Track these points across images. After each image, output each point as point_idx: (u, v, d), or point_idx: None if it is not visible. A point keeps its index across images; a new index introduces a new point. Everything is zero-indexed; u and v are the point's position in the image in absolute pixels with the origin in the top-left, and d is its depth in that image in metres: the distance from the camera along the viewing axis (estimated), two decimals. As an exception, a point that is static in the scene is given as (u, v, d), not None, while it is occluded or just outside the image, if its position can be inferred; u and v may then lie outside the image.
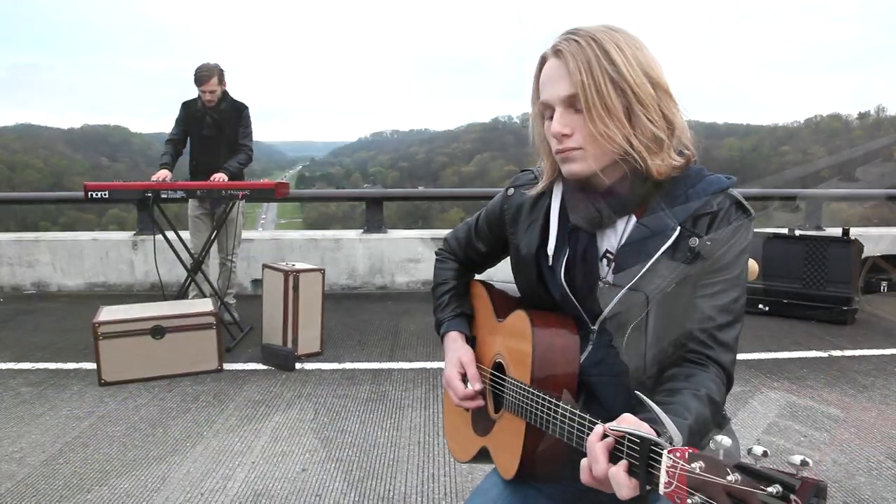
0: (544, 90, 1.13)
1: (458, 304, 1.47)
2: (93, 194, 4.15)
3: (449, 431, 1.56)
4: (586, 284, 1.18)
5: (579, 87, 1.07)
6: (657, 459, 0.81)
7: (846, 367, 3.95)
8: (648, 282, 1.11)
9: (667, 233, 1.10)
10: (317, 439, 2.98)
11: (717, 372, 1.10)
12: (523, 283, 1.30)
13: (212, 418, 3.20)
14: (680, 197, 1.12)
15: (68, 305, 5.52)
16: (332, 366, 3.99)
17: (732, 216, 1.12)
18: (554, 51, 1.12)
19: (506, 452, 1.24)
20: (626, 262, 1.13)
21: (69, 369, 3.92)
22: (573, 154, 1.12)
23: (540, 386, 1.15)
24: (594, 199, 1.15)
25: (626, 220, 1.16)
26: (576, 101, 1.09)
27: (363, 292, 6.05)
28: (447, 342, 1.43)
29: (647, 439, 0.83)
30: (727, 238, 1.11)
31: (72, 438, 2.99)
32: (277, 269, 4.07)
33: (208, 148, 4.59)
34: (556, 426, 1.06)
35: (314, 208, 69.10)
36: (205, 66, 4.45)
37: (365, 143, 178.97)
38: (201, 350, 3.81)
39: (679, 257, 1.10)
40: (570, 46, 1.09)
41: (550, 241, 1.23)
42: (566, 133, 1.11)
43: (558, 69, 1.10)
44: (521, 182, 1.33)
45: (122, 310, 3.85)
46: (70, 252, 5.96)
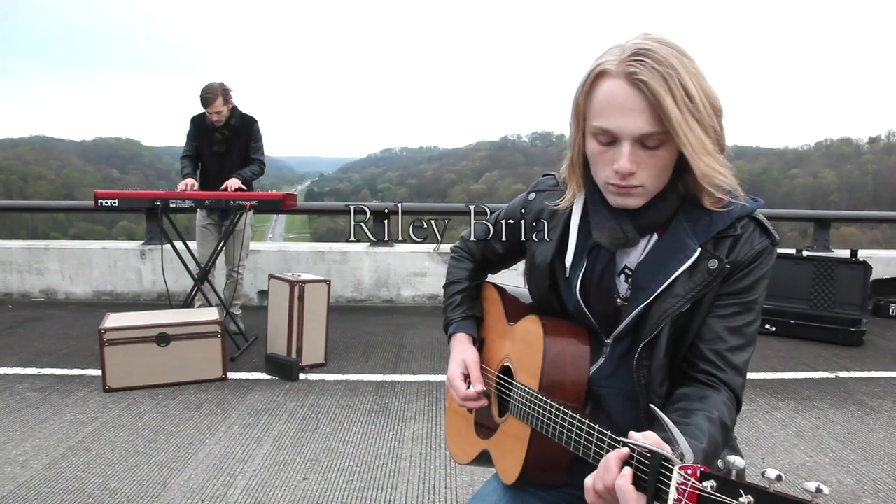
0: (610, 116, 1.03)
1: (469, 306, 1.46)
2: (102, 202, 4.19)
3: (450, 433, 1.55)
4: (601, 301, 1.18)
5: (680, 128, 1.00)
6: (667, 475, 0.80)
7: (853, 389, 3.92)
8: (663, 300, 1.10)
9: (687, 253, 1.09)
10: (319, 449, 2.97)
11: (727, 395, 1.10)
12: (536, 290, 1.29)
13: (214, 426, 3.20)
14: (704, 218, 1.11)
15: (75, 313, 5.54)
16: (335, 377, 3.99)
17: (756, 241, 1.10)
18: (628, 76, 1.01)
19: (508, 457, 1.24)
20: (644, 279, 1.13)
21: (74, 375, 3.93)
22: (634, 191, 1.07)
23: (547, 393, 1.14)
24: (621, 220, 1.13)
25: (647, 239, 1.15)
26: (649, 139, 1.02)
27: (369, 305, 6.06)
28: (454, 342, 1.42)
29: (658, 453, 0.82)
30: (748, 262, 1.10)
31: (75, 443, 2.99)
32: (283, 279, 4.09)
33: (219, 164, 4.61)
34: (565, 436, 1.05)
35: (322, 223, 69.33)
36: (208, 88, 4.40)
37: (374, 159, 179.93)
38: (206, 358, 3.81)
39: (697, 278, 1.09)
40: (651, 77, 0.99)
41: (569, 254, 1.21)
42: (632, 172, 1.04)
43: (633, 100, 1.01)
44: (543, 188, 1.31)
45: (128, 317, 3.86)
46: (79, 260, 6.01)
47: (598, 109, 1.04)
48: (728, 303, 1.11)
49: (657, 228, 1.14)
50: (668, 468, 0.80)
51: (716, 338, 1.11)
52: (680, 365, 1.15)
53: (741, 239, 1.10)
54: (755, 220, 1.12)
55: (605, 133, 1.04)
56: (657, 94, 0.98)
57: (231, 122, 4.54)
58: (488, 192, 76.32)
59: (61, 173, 70.06)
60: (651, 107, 1.00)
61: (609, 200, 1.11)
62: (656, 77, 0.98)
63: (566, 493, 1.25)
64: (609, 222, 1.14)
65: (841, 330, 4.85)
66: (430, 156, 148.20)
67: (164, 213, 4.26)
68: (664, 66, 0.99)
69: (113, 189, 4.38)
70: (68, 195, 56.38)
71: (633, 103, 1.00)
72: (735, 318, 1.11)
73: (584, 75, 1.06)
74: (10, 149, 79.42)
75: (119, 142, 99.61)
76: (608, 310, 1.18)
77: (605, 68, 1.03)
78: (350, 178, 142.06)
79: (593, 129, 1.06)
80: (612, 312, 1.17)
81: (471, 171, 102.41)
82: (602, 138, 1.05)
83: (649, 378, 1.14)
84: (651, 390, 1.14)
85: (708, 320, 1.11)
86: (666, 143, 1.03)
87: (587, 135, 1.08)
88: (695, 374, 1.12)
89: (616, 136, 1.03)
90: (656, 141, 1.02)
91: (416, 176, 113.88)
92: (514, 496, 1.25)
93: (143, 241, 6.18)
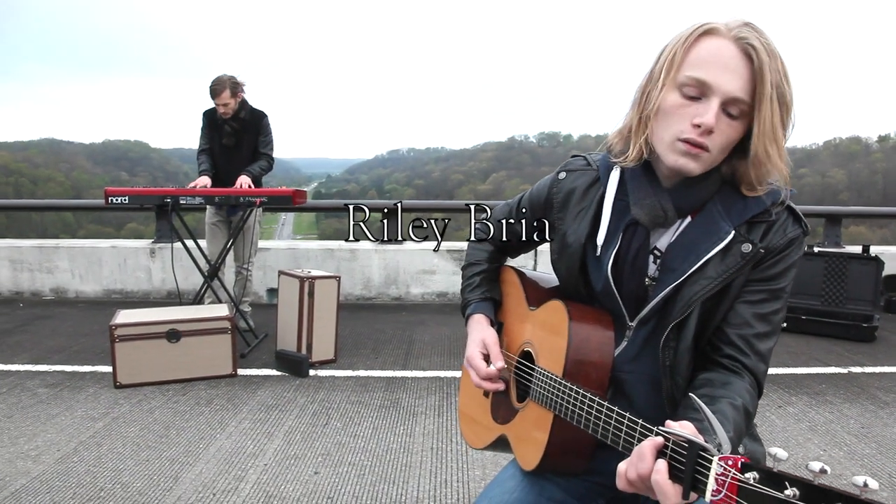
0: (710, 69, 1.02)
1: (487, 288, 1.44)
2: (113, 200, 4.20)
3: (464, 417, 1.53)
4: (632, 280, 1.17)
5: (767, 102, 1.01)
6: (705, 466, 0.78)
7: (866, 384, 3.88)
8: (694, 282, 1.09)
9: (720, 235, 1.08)
10: (330, 443, 2.97)
11: (750, 381, 1.09)
12: (564, 270, 1.28)
13: (225, 421, 3.20)
14: (738, 202, 1.10)
15: (85, 311, 5.56)
16: (345, 373, 3.98)
17: (789, 228, 1.10)
18: (738, 40, 1.02)
19: (528, 443, 1.23)
20: (674, 261, 1.12)
21: (85, 372, 3.94)
22: (701, 154, 1.05)
23: (571, 379, 1.13)
24: (661, 197, 1.12)
25: (679, 221, 1.14)
26: (734, 106, 1.03)
27: (378, 303, 6.05)
28: (472, 323, 1.40)
29: (695, 443, 0.81)
30: (780, 249, 1.10)
31: (86, 438, 3.00)
32: (293, 275, 4.08)
33: (228, 157, 4.63)
34: (592, 423, 1.04)
35: (329, 224, 69.42)
36: (217, 80, 4.43)
37: (381, 160, 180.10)
38: (216, 354, 3.82)
39: (729, 261, 1.08)
40: (760, 48, 1.00)
41: (601, 232, 1.20)
42: (712, 130, 1.03)
43: (738, 62, 1.01)
44: (574, 167, 1.29)
45: (138, 313, 3.87)
46: (89, 259, 6.03)
47: (696, 61, 1.04)
48: (757, 289, 1.10)
49: (692, 211, 1.13)
50: (705, 458, 0.79)
51: (743, 323, 1.10)
52: (704, 348, 1.14)
53: (774, 225, 1.09)
54: (788, 207, 1.11)
55: (697, 85, 1.03)
56: (763, 64, 1.00)
57: (241, 116, 4.55)
58: (495, 193, 76.23)
59: (70, 176, 70.45)
60: (751, 75, 1.01)
61: (668, 161, 1.08)
62: (763, 50, 1.00)
63: (586, 480, 1.24)
64: (650, 199, 1.13)
65: (853, 325, 4.81)
66: (437, 156, 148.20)
67: (175, 211, 4.26)
68: (771, 44, 1.01)
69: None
70: (77, 197, 56.71)
71: (736, 64, 1.01)
72: (763, 304, 1.11)
73: (687, 30, 1.06)
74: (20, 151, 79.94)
75: (128, 144, 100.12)
76: (638, 290, 1.16)
77: (714, 27, 1.04)
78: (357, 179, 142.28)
79: (684, 79, 1.04)
80: (640, 293, 1.16)
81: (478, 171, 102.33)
82: (690, 90, 1.04)
83: (675, 360, 1.12)
84: (676, 372, 1.13)
85: (736, 305, 1.11)
86: (744, 117, 1.04)
87: (669, 87, 1.06)
88: (719, 357, 1.11)
89: (708, 91, 1.02)
90: (739, 110, 1.03)
91: (423, 177, 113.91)
92: (533, 483, 1.24)
93: (153, 239, 6.20)
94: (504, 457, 2.70)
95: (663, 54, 1.07)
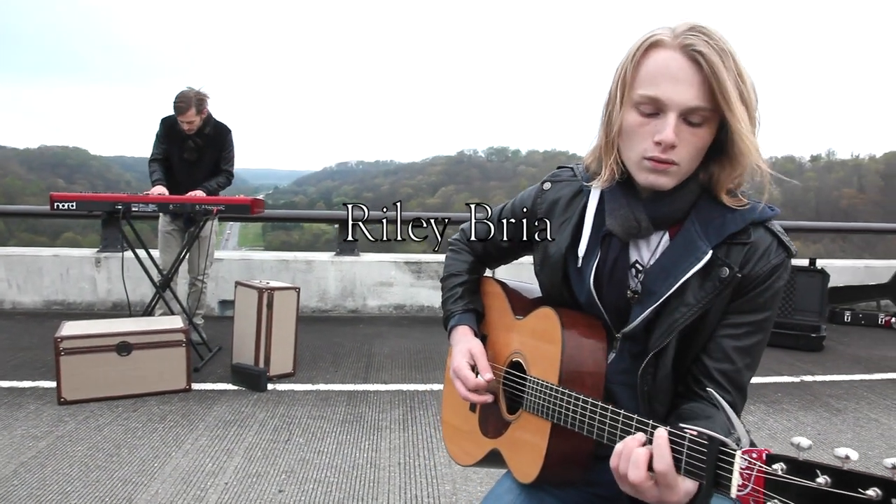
0: (660, 85, 0.99)
1: (470, 300, 1.41)
2: (59, 205, 4.00)
3: (449, 433, 1.48)
4: (613, 293, 1.15)
5: (734, 103, 0.97)
6: (727, 461, 0.76)
7: (819, 392, 4.00)
8: (674, 309, 1.07)
9: (698, 255, 1.05)
10: (293, 460, 2.86)
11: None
12: (547, 282, 1.25)
13: (181, 438, 3.05)
14: (716, 219, 1.07)
15: (23, 324, 5.26)
16: (305, 387, 3.87)
17: (772, 254, 1.06)
18: (684, 48, 0.98)
19: (524, 455, 1.19)
20: (654, 283, 1.09)
21: (25, 388, 3.71)
22: (669, 168, 1.02)
23: (567, 386, 1.10)
24: (635, 208, 1.10)
25: (660, 235, 1.11)
26: (694, 115, 0.99)
27: (334, 315, 5.93)
28: (456, 335, 1.36)
29: (716, 438, 0.79)
30: (764, 278, 1.06)
31: (28, 459, 2.81)
32: (251, 286, 3.96)
33: (188, 171, 4.45)
34: (597, 428, 1.01)
35: (276, 236, 68.28)
36: (182, 96, 4.21)
37: (330, 172, 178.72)
38: (169, 368, 3.65)
39: (707, 286, 1.05)
40: (708, 52, 0.97)
41: (582, 243, 1.18)
42: (675, 145, 1.00)
43: (688, 72, 0.98)
44: (560, 178, 1.27)
45: (86, 325, 3.68)
46: (28, 268, 5.72)
47: (647, 78, 1.01)
48: (740, 321, 1.07)
49: (670, 225, 1.10)
50: (727, 453, 0.77)
51: (724, 357, 1.08)
52: (685, 377, 1.12)
53: (756, 250, 1.05)
54: (770, 230, 1.07)
55: (651, 102, 1.00)
56: (715, 67, 0.96)
57: (205, 131, 4.38)
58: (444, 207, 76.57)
59: (2, 182, 67.33)
60: (704, 81, 0.97)
61: (639, 179, 1.06)
62: (713, 52, 0.96)
63: (584, 491, 1.21)
64: (623, 210, 1.11)
65: (802, 336, 4.96)
66: (386, 170, 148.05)
67: (126, 218, 4.07)
68: (720, 43, 0.97)
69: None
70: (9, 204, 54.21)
71: (686, 74, 0.98)
72: (746, 337, 1.08)
73: (634, 46, 1.03)
74: (-54, 156, 76.01)
75: (65, 150, 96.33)
76: (620, 303, 1.14)
77: (659, 39, 1.01)
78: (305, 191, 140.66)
79: (638, 98, 1.02)
80: (623, 306, 1.14)
81: (427, 185, 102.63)
82: (646, 108, 1.01)
83: (653, 387, 1.11)
84: (654, 399, 1.11)
85: (718, 338, 1.08)
86: (708, 123, 1.00)
87: (626, 107, 1.04)
88: (700, 390, 1.09)
89: (663, 107, 1.00)
90: (700, 118, 1.00)
91: (372, 189, 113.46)
92: (532, 495, 1.20)
93: (99, 248, 5.93)
94: (487, 472, 2.65)
95: (617, 73, 1.06)
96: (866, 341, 5.36)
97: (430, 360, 4.52)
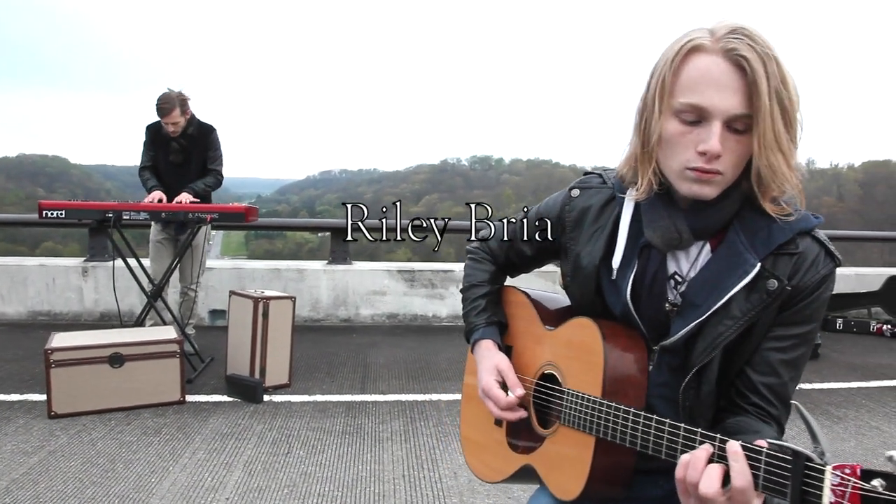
0: (703, 92, 0.95)
1: (493, 312, 1.36)
2: (48, 213, 3.91)
3: (471, 449, 1.43)
4: (651, 306, 1.11)
5: (764, 116, 0.93)
6: (816, 477, 0.73)
7: (818, 400, 4.00)
8: (718, 322, 1.03)
9: (745, 268, 1.01)
10: (294, 474, 2.79)
11: (776, 431, 1.05)
12: (578, 293, 1.21)
13: (177, 452, 2.97)
14: (762, 230, 1.03)
15: (7, 335, 5.13)
16: (302, 398, 3.80)
17: (821, 265, 1.02)
18: (726, 52, 0.94)
19: (565, 471, 1.14)
20: (697, 295, 1.05)
21: (13, 401, 3.60)
22: (714, 178, 0.98)
23: (611, 399, 1.06)
24: (676, 219, 1.05)
25: (700, 246, 1.07)
26: (738, 122, 0.95)
27: (326, 324, 5.86)
28: (480, 350, 1.32)
29: (801, 453, 0.75)
30: (812, 289, 1.02)
31: (19, 475, 2.71)
32: (246, 295, 3.88)
33: (175, 174, 4.37)
34: (652, 442, 0.97)
35: (259, 245, 67.77)
36: (165, 98, 4.16)
37: (313, 181, 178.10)
38: (163, 380, 3.56)
39: (754, 299, 1.02)
40: (753, 58, 0.92)
41: (616, 255, 1.13)
42: (720, 154, 0.96)
43: (731, 77, 0.94)
44: (589, 185, 1.22)
45: (77, 336, 3.58)
46: (13, 278, 5.58)
47: (688, 85, 0.96)
48: (787, 334, 1.04)
49: (712, 235, 1.07)
50: (815, 468, 0.73)
51: (771, 371, 1.04)
52: (728, 391, 1.09)
53: (804, 261, 1.02)
54: (817, 240, 1.04)
55: (693, 110, 0.96)
56: (757, 73, 0.92)
57: (188, 132, 4.32)
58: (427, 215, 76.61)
59: (-21, 192, 66.27)
60: (747, 86, 0.93)
61: (681, 189, 1.01)
62: (755, 56, 0.92)
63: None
64: (663, 221, 1.06)
65: (797, 344, 4.97)
66: (369, 178, 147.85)
67: (116, 227, 3.99)
68: (763, 46, 0.93)
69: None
70: (-14, 214, 53.29)
71: (729, 80, 0.93)
72: (792, 350, 1.05)
73: (671, 51, 0.98)
74: (-78, 165, 74.73)
75: (45, 159, 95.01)
76: (658, 316, 1.10)
77: (699, 43, 0.96)
78: (288, 199, 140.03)
79: (679, 106, 0.97)
80: (662, 319, 1.10)
81: (411, 193, 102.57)
82: (687, 116, 0.97)
83: (696, 403, 1.08)
84: (697, 414, 1.08)
85: (764, 351, 1.04)
86: (751, 130, 0.96)
87: (666, 115, 0.99)
88: (745, 404, 1.06)
89: (706, 115, 0.95)
90: (744, 125, 0.95)
91: (355, 198, 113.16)
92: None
93: (86, 257, 5.81)
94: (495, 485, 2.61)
95: (653, 79, 1.01)
96: (859, 349, 5.39)
97: (426, 369, 4.46)
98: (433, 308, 6.03)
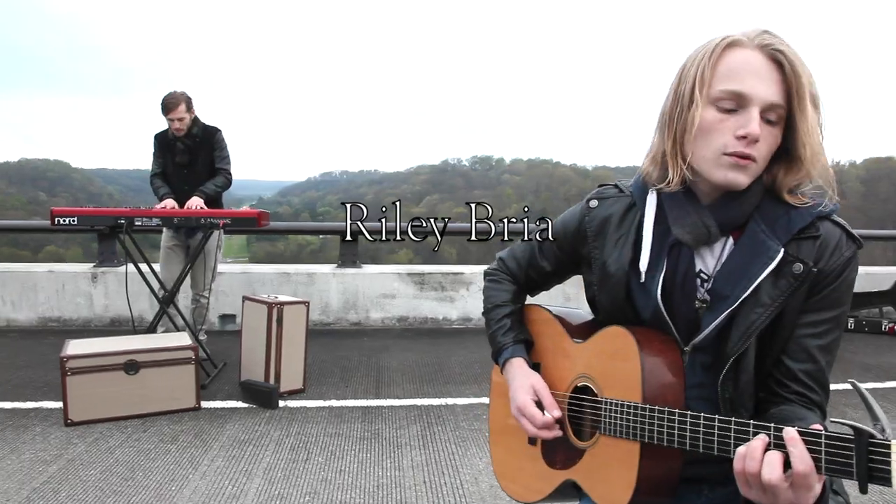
0: (745, 79, 1.00)
1: (519, 331, 1.36)
2: (60, 220, 3.90)
3: (504, 472, 1.42)
4: (683, 305, 1.12)
5: (805, 103, 0.99)
6: (882, 452, 0.75)
7: (835, 402, 3.96)
8: (749, 311, 1.04)
9: (770, 255, 1.04)
10: (315, 481, 2.78)
11: (819, 416, 1.06)
12: (608, 302, 1.21)
13: (196, 459, 2.96)
14: (781, 217, 1.06)
15: (19, 341, 5.13)
16: (317, 403, 3.79)
17: (844, 247, 1.05)
18: (763, 47, 1.01)
19: (611, 481, 1.13)
20: (725, 287, 1.07)
21: (28, 408, 3.60)
22: (750, 165, 1.02)
23: (653, 403, 1.06)
24: (702, 214, 1.08)
25: (722, 241, 1.10)
26: (772, 112, 1.01)
27: (336, 328, 5.85)
28: (511, 369, 1.31)
29: (864, 430, 0.77)
30: (839, 271, 1.05)
31: (40, 484, 2.71)
32: (260, 301, 3.88)
33: (183, 177, 4.39)
34: (703, 439, 0.98)
35: (261, 247, 67.77)
36: (171, 94, 4.26)
37: (314, 182, 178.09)
38: (178, 387, 3.56)
39: (782, 284, 1.03)
40: (789, 52, 1.00)
41: (643, 257, 1.14)
42: (758, 139, 1.00)
43: (769, 68, 1.00)
44: (606, 195, 1.25)
45: (91, 343, 3.57)
46: (23, 284, 5.58)
47: (728, 74, 1.01)
48: (820, 318, 1.06)
49: (733, 229, 1.09)
50: (880, 444, 0.75)
51: (808, 358, 1.06)
52: (766, 381, 1.09)
53: (827, 245, 1.04)
54: (838, 223, 1.07)
55: (733, 97, 1.01)
56: (794, 64, 0.99)
57: (193, 132, 4.33)
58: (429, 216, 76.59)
59: (-20, 197, 66.31)
60: (782, 79, 1.00)
61: (716, 177, 1.04)
62: (791, 51, 1.00)
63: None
64: (691, 217, 1.09)
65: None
66: (370, 179, 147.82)
67: (128, 233, 3.98)
68: (792, 48, 1.01)
69: (40, 213, 4.07)
70: (-11, 219, 53.28)
71: (768, 71, 1.00)
72: (826, 335, 1.06)
73: (709, 47, 1.04)
74: (-76, 170, 74.87)
75: (47, 163, 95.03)
76: (689, 314, 1.11)
77: (736, 39, 1.03)
78: (289, 201, 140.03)
79: (718, 94, 1.02)
80: (692, 317, 1.11)
81: (412, 194, 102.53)
82: (726, 104, 1.02)
83: (736, 394, 1.08)
84: (739, 404, 1.08)
85: (799, 339, 1.06)
86: (780, 122, 1.02)
87: (704, 104, 1.03)
88: (787, 393, 1.07)
89: (746, 101, 1.00)
90: (777, 116, 1.01)
91: (356, 199, 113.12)
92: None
93: (95, 262, 5.81)
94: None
95: (688, 73, 1.05)
96: (872, 349, 5.37)
97: (439, 372, 4.45)
98: (443, 311, 6.02)
